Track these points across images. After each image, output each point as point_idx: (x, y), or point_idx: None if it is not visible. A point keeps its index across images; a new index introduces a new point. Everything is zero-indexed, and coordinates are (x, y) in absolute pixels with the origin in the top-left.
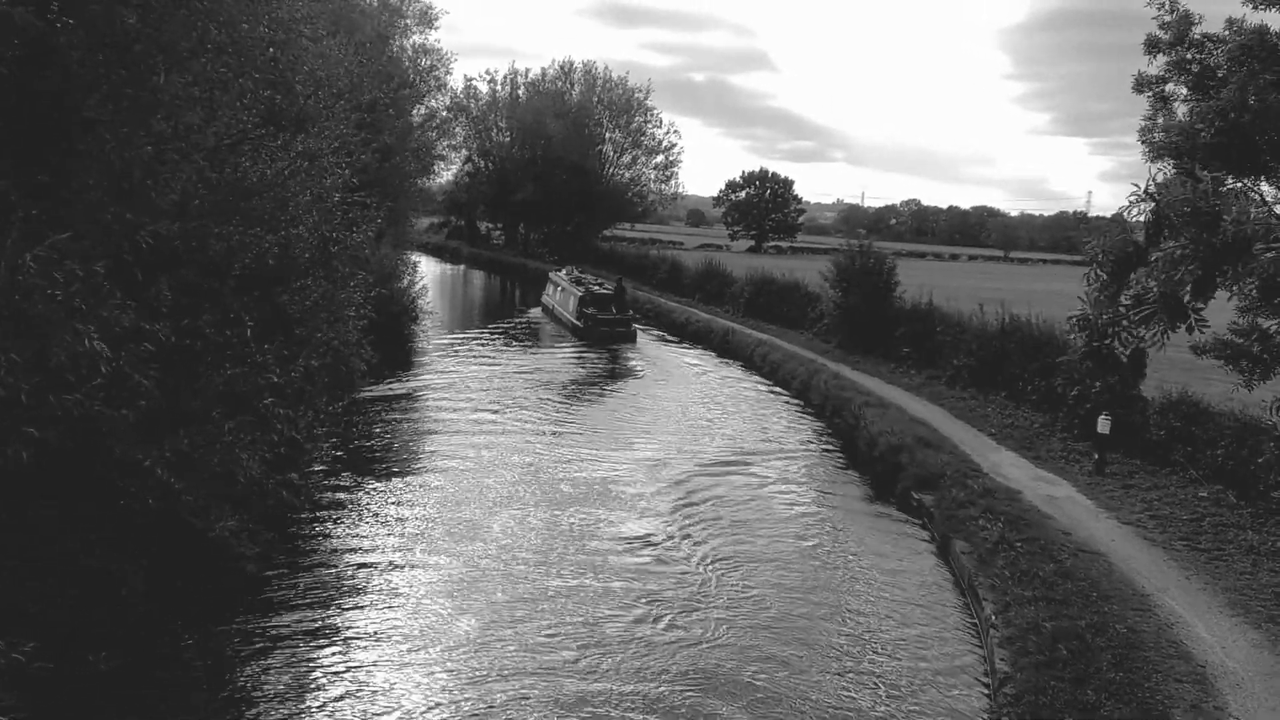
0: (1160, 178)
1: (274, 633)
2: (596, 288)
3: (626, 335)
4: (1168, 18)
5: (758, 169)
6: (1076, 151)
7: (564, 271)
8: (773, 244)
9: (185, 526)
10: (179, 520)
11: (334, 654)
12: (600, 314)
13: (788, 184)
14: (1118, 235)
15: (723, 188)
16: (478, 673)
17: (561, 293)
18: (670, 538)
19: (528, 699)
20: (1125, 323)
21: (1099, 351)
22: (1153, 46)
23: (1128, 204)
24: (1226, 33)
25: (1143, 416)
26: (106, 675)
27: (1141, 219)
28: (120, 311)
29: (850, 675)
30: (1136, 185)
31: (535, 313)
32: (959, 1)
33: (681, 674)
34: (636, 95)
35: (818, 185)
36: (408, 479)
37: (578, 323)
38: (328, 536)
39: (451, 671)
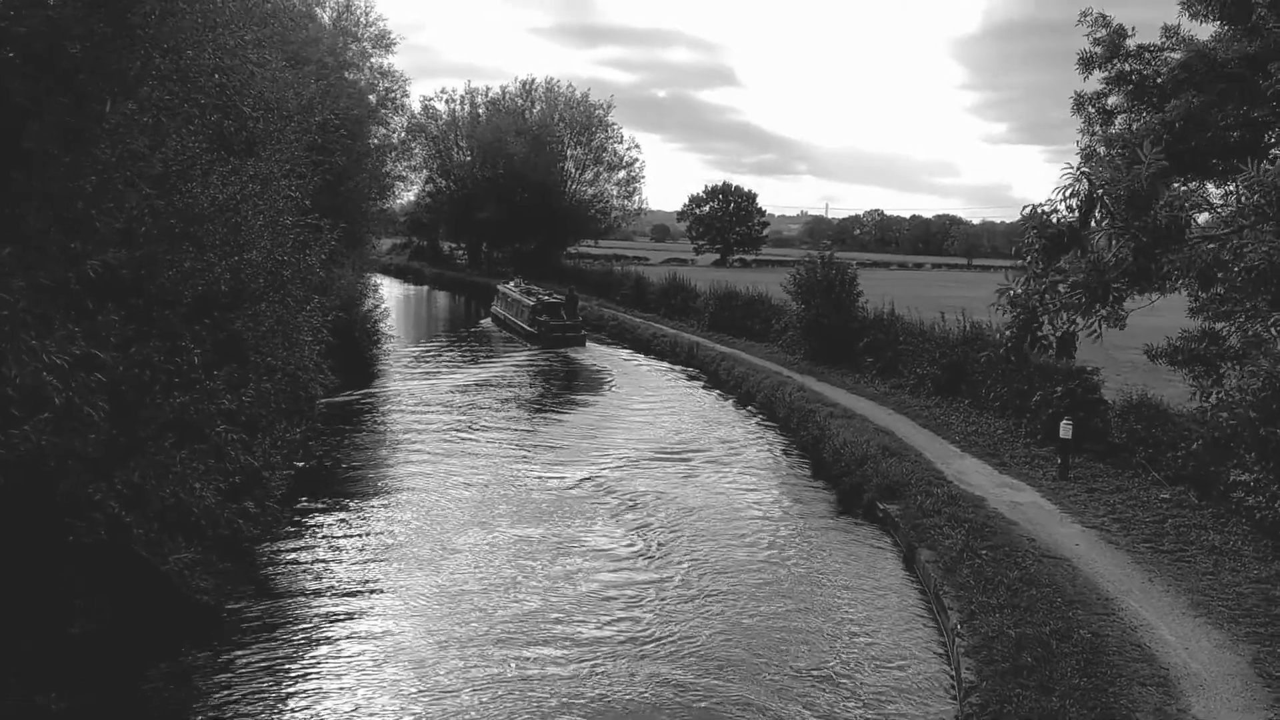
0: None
1: (232, 663)
2: (547, 297)
3: (577, 339)
4: (1100, 33)
5: (721, 183)
6: (1034, 159)
7: (512, 284)
8: (738, 257)
9: (137, 559)
10: (131, 553)
11: (295, 682)
12: (552, 320)
13: (751, 197)
14: (1051, 214)
15: (686, 202)
16: (445, 695)
17: (513, 303)
18: (636, 551)
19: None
20: (1055, 304)
21: (1028, 333)
22: (1088, 63)
23: (1061, 183)
24: (1165, 41)
25: (1104, 420)
26: (57, 716)
27: (1076, 200)
28: (69, 341)
29: (817, 685)
30: (1069, 165)
31: (486, 323)
32: (913, 14)
33: (649, 685)
34: (597, 112)
35: (782, 198)
36: (372, 500)
37: (531, 329)
38: (288, 563)
39: (419, 694)
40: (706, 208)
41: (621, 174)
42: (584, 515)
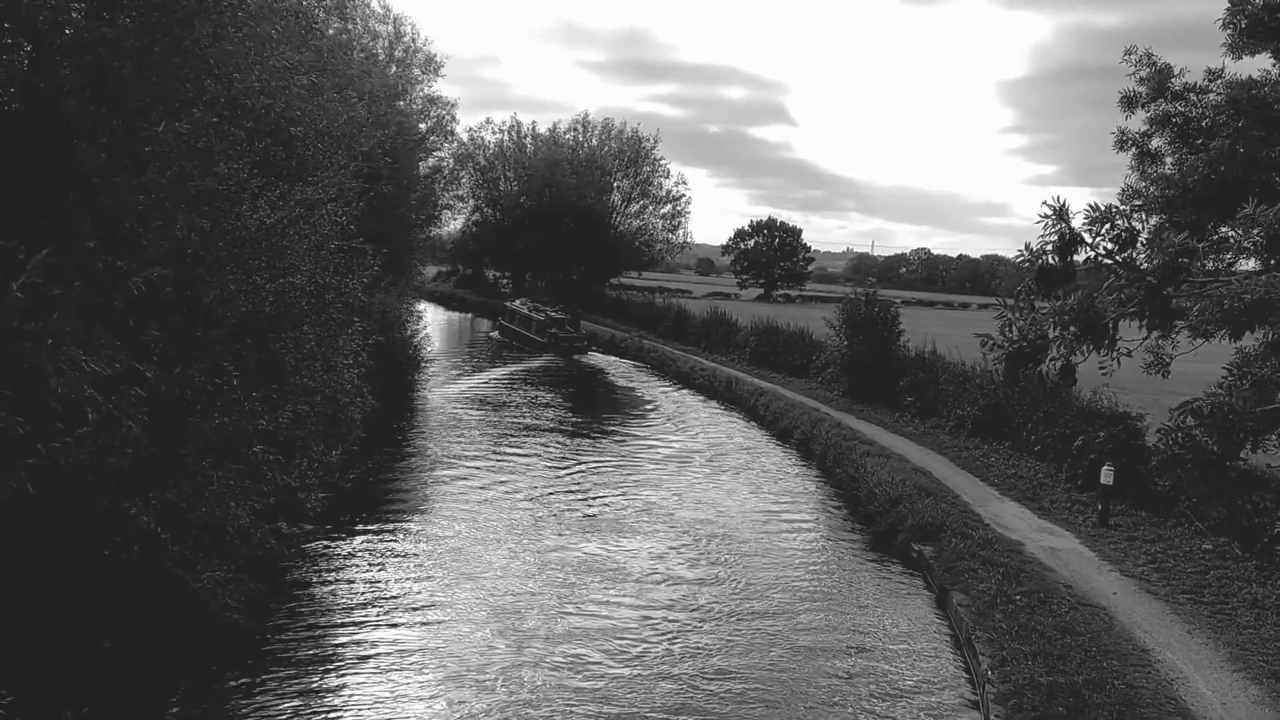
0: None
1: (255, 680)
2: (555, 313)
3: (581, 349)
4: (1144, 72)
5: (766, 218)
6: (1083, 201)
7: (519, 301)
8: (781, 292)
9: (167, 576)
10: (160, 569)
11: (316, 701)
12: (560, 332)
13: (796, 233)
14: (1044, 252)
15: (731, 236)
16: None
17: (522, 318)
18: (665, 579)
19: None
20: (1056, 335)
21: (1020, 359)
22: (1131, 102)
23: (1040, 219)
24: (1208, 83)
25: (1147, 467)
26: None
27: (1054, 239)
28: (112, 358)
29: None
30: (1048, 203)
31: (495, 335)
32: (963, 57)
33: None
34: (645, 145)
35: (829, 234)
36: (405, 522)
37: (542, 339)
38: (319, 583)
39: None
40: (751, 242)
41: (667, 207)
42: (615, 541)
